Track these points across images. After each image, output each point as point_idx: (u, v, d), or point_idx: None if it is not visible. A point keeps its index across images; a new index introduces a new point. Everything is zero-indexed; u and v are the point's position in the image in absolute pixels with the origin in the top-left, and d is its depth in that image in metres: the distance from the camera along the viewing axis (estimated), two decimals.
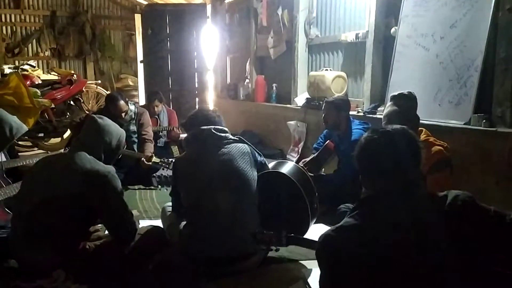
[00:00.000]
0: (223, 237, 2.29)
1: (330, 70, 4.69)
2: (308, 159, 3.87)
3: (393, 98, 2.88)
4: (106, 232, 2.52)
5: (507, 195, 2.70)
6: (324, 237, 1.41)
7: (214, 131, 2.46)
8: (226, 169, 2.37)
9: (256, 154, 2.53)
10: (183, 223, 2.51)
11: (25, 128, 2.81)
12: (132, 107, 4.45)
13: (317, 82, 4.63)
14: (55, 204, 2.16)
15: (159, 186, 3.03)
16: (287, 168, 2.57)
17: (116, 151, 2.41)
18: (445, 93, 3.39)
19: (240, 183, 2.37)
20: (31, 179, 2.30)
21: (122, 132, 2.43)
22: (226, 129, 2.55)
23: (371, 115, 3.99)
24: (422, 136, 2.72)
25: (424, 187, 1.55)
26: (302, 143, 5.02)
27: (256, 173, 2.46)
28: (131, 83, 9.40)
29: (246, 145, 2.51)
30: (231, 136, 2.51)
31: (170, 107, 6.54)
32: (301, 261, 2.53)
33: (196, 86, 7.70)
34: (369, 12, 4.15)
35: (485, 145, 2.91)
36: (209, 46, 7.66)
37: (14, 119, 2.71)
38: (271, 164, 2.67)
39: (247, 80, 6.60)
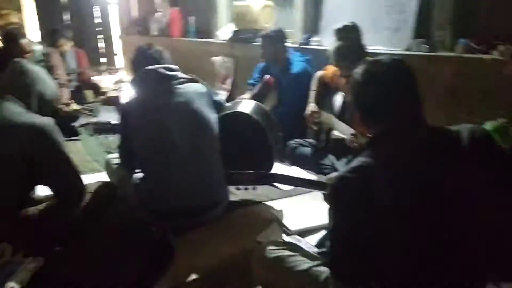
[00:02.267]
0: (187, 187, 2.10)
1: None
2: (245, 95, 3.71)
3: (338, 31, 2.80)
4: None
5: (448, 120, 2.82)
6: (341, 178, 1.30)
7: (162, 70, 2.17)
8: (184, 112, 2.12)
9: (213, 94, 2.30)
10: (138, 175, 2.25)
11: None
12: (37, 47, 3.84)
13: (243, 13, 4.37)
14: None
15: (95, 134, 2.67)
16: (246, 106, 2.39)
17: (51, 104, 2.04)
18: (382, 20, 3.37)
19: (200, 127, 2.15)
20: None
21: (54, 82, 2.07)
22: (176, 67, 2.27)
23: (305, 46, 3.88)
24: None
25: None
26: (230, 79, 4.80)
27: (215, 114, 2.25)
28: (16, 20, 8.16)
29: (201, 84, 2.27)
30: (183, 75, 2.24)
31: None
32: (265, 202, 2.44)
33: (100, 21, 6.93)
34: None
35: (427, 70, 2.97)
36: None
37: None
38: (228, 104, 2.46)
39: (158, 13, 6.06)
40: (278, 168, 2.61)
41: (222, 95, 4.80)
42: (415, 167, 1.25)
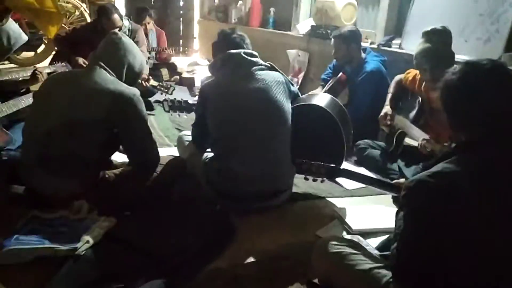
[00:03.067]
0: (255, 172, 2.14)
1: None
2: (317, 91, 3.70)
3: (426, 34, 2.67)
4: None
5: None
6: (419, 181, 1.27)
7: (244, 55, 2.22)
8: (262, 98, 2.16)
9: (290, 84, 2.32)
10: (208, 154, 2.33)
11: (24, 38, 2.44)
12: (126, 23, 4.05)
13: (326, 8, 4.33)
14: (74, 127, 1.92)
15: (171, 111, 2.78)
16: (323, 100, 2.38)
17: (138, 77, 2.16)
18: (473, 28, 3.21)
19: (276, 115, 2.19)
20: (44, 100, 2.02)
21: (144, 57, 2.18)
22: (256, 53, 2.31)
23: (385, 48, 3.79)
24: None
25: None
26: (302, 74, 4.79)
27: (290, 104, 2.27)
28: None
29: (279, 73, 2.29)
30: (262, 62, 2.28)
31: None
32: (327, 198, 2.44)
33: (181, 4, 7.15)
34: None
35: None
36: None
37: (12, 27, 2.33)
38: (303, 96, 2.47)
39: (240, 2, 6.15)
40: (345, 166, 2.58)
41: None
42: (499, 182, 1.20)
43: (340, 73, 3.52)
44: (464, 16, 3.28)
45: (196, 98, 4.49)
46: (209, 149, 2.36)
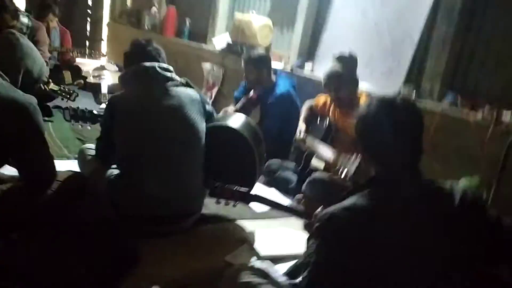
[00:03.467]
0: (164, 193, 2.03)
1: (256, 14, 4.42)
2: (229, 108, 3.69)
3: (335, 58, 2.86)
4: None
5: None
6: (333, 215, 1.27)
7: (159, 70, 2.12)
8: (175, 116, 2.07)
9: (205, 103, 2.25)
10: (113, 171, 2.16)
11: None
12: (25, 20, 3.68)
13: (243, 27, 4.34)
14: None
15: (72, 121, 2.55)
16: (237, 121, 2.34)
17: (36, 83, 1.95)
18: (378, 61, 3.43)
19: (189, 134, 2.10)
20: None
21: (44, 61, 1.98)
22: (171, 68, 2.21)
23: (298, 70, 3.90)
24: (362, 101, 2.73)
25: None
26: (216, 88, 4.75)
27: (204, 123, 2.20)
28: None
29: (195, 91, 2.22)
30: (178, 78, 2.19)
31: None
32: (237, 221, 2.39)
33: (90, 3, 6.74)
34: None
35: None
36: None
37: None
38: (218, 115, 2.42)
39: (154, 9, 5.96)
40: (256, 186, 2.57)
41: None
42: (408, 218, 1.25)
43: (251, 93, 3.54)
44: (370, 48, 3.49)
45: (102, 106, 4.27)
46: (114, 166, 2.20)
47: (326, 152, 2.79)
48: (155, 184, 2.01)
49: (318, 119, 3.19)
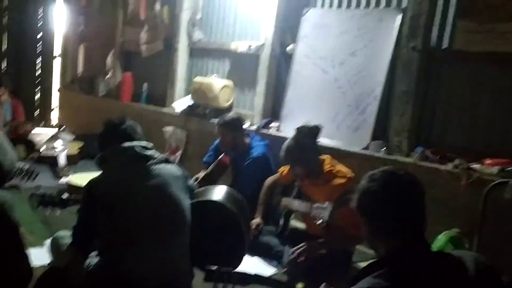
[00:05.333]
0: (155, 278, 1.90)
1: (216, 77, 4.48)
2: (200, 175, 3.61)
3: (295, 130, 2.73)
4: None
5: None
6: None
7: (139, 150, 2.04)
8: (160, 196, 1.98)
9: (188, 178, 2.19)
10: (92, 261, 2.01)
11: None
12: None
13: (204, 89, 4.37)
14: None
15: (41, 207, 2.36)
16: (219, 193, 2.29)
17: (6, 177, 1.81)
18: (343, 117, 3.52)
19: (175, 213, 2.01)
20: None
21: (15, 152, 1.86)
22: (151, 145, 2.15)
23: (264, 131, 3.92)
24: (326, 166, 2.66)
25: None
26: (180, 152, 4.68)
27: (189, 200, 2.12)
28: None
29: (176, 167, 2.15)
30: (158, 155, 2.12)
31: None
32: None
33: (39, 72, 6.58)
34: (265, 25, 4.08)
35: None
36: (59, 29, 6.62)
37: None
38: (199, 190, 2.35)
39: (108, 75, 5.89)
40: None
41: None
42: None
43: (221, 156, 3.50)
44: (334, 105, 3.59)
45: (62, 181, 4.05)
46: (92, 254, 2.05)
47: (301, 205, 2.69)
48: (143, 269, 1.89)
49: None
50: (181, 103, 4.73)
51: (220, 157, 3.52)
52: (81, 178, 3.54)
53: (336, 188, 2.55)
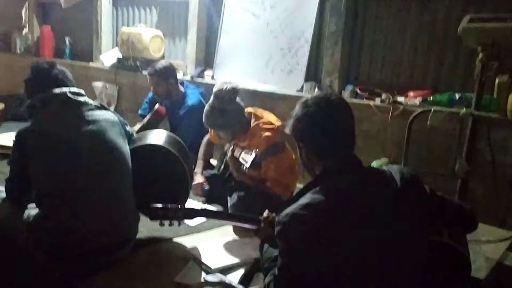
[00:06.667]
0: (99, 224, 1.89)
1: (145, 27, 4.31)
2: (136, 127, 3.54)
3: (213, 95, 2.57)
4: None
5: None
6: (293, 216, 1.29)
7: (71, 95, 1.97)
8: (97, 142, 1.93)
9: (125, 124, 2.15)
10: (30, 212, 1.95)
11: None
12: None
13: (132, 40, 4.20)
14: None
15: None
16: (158, 137, 2.27)
17: None
18: (276, 61, 3.58)
19: (115, 159, 1.98)
20: None
21: None
22: (82, 91, 2.07)
23: (199, 80, 3.89)
24: (252, 120, 2.58)
25: None
26: (112, 107, 4.52)
27: (127, 146, 2.09)
28: None
29: (112, 112, 2.10)
30: (92, 101, 2.05)
31: None
32: (174, 239, 2.32)
33: None
34: None
35: None
36: None
37: None
38: (137, 135, 2.32)
39: (25, 30, 5.47)
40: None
41: None
42: (367, 203, 1.32)
43: (156, 106, 3.45)
44: (267, 50, 3.62)
45: None
46: (31, 206, 1.98)
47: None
48: (84, 216, 1.86)
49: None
50: (109, 56, 4.53)
51: (155, 107, 3.46)
52: (7, 138, 3.36)
53: (262, 141, 2.49)
